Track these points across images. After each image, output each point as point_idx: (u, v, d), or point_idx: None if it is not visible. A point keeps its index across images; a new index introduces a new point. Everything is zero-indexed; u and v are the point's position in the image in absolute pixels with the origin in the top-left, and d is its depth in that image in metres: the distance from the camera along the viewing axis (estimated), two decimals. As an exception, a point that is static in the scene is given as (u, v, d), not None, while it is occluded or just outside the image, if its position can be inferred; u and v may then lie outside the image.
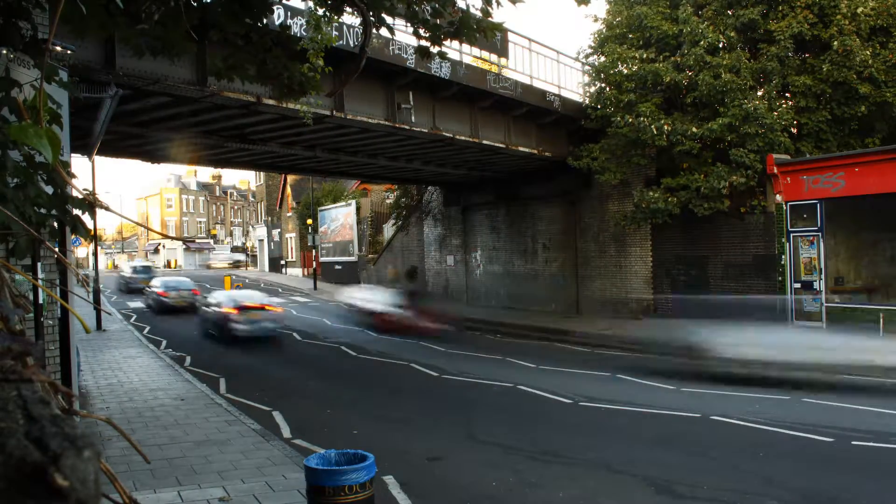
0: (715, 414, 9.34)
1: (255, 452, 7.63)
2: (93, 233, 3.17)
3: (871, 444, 7.81)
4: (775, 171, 16.35)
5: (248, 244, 66.51)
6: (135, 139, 16.62)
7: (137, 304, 30.96)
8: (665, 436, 8.51)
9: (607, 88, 19.48)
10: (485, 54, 17.52)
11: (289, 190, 51.21)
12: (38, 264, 5.87)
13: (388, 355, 15.70)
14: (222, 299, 18.93)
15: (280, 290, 37.79)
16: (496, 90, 17.51)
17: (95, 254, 24.42)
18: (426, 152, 20.27)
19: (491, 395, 11.39)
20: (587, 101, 20.24)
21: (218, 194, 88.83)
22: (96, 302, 21.87)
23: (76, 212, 2.57)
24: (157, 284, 27.77)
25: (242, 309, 18.04)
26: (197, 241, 77.80)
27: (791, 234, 16.39)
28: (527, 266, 24.71)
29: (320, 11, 6.54)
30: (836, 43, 16.56)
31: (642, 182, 19.50)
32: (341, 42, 12.41)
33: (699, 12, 18.53)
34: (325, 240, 42.65)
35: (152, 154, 18.79)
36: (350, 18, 8.70)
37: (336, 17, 6.88)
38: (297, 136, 17.45)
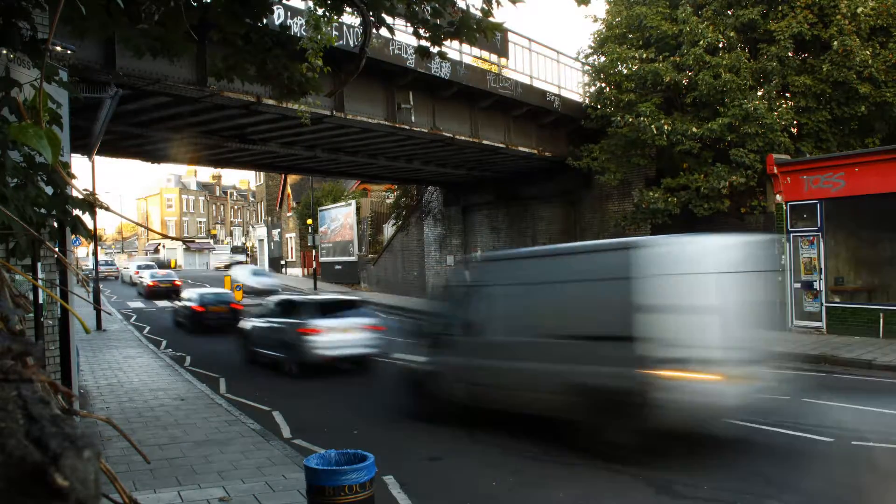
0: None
1: (255, 452, 7.63)
2: (93, 233, 3.17)
3: (871, 444, 7.80)
4: (775, 171, 16.34)
5: (248, 244, 66.49)
6: (135, 139, 16.63)
7: (138, 303, 30.95)
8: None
9: (607, 88, 19.48)
10: (485, 54, 17.52)
11: (289, 190, 51.20)
12: (38, 264, 5.87)
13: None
14: None
15: (280, 290, 37.73)
16: (496, 90, 17.51)
17: (95, 254, 24.43)
18: (426, 152, 20.27)
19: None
20: (587, 101, 20.23)
21: (218, 194, 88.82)
22: (96, 302, 21.86)
23: (76, 212, 2.57)
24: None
25: None
26: (197, 241, 77.80)
27: (791, 234, 16.38)
28: (527, 266, 24.67)
29: (320, 11, 6.53)
30: (836, 43, 16.56)
31: (642, 182, 19.50)
32: (341, 42, 12.41)
33: (699, 12, 18.52)
34: (325, 240, 42.64)
35: (152, 154, 18.80)
36: (350, 18, 8.70)
37: (336, 17, 6.87)
38: (297, 136, 17.45)
